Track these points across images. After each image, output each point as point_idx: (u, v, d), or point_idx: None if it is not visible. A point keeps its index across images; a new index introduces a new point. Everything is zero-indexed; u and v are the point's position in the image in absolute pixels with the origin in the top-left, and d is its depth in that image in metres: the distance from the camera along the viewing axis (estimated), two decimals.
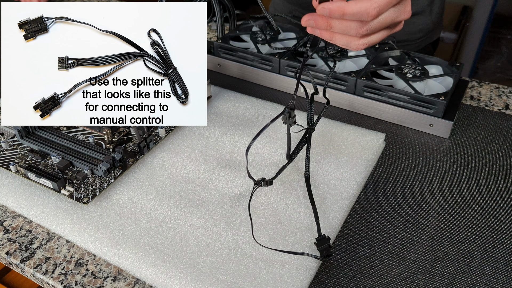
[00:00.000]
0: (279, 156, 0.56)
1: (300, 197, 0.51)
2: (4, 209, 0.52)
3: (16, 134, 0.57)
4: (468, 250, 0.47)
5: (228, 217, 0.49)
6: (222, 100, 0.66)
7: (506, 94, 0.69)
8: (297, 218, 0.49)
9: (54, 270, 0.46)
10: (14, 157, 0.56)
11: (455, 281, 0.44)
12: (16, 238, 0.49)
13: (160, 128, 0.59)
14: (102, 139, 0.58)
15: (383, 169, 0.56)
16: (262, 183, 0.49)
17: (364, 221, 0.50)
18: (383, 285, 0.44)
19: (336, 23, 0.42)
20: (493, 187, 0.53)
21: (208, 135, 0.60)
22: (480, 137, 0.60)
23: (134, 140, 0.58)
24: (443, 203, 0.51)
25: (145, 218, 0.49)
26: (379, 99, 0.62)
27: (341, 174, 0.54)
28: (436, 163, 0.57)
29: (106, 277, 0.45)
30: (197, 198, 0.51)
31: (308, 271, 0.44)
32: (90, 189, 0.51)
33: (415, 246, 0.47)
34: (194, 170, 0.55)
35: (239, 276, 0.43)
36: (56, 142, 0.57)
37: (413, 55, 0.66)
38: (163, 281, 0.43)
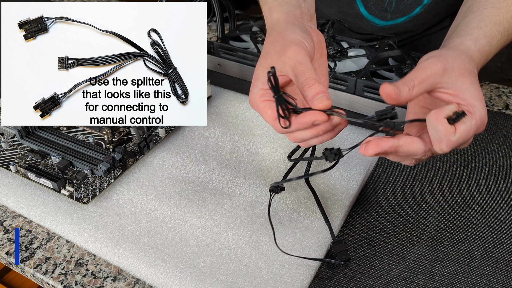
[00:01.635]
0: (279, 156, 0.56)
1: (301, 197, 0.51)
2: (4, 209, 0.52)
3: (16, 134, 0.57)
4: (468, 250, 0.47)
5: (228, 217, 0.49)
6: (222, 100, 0.66)
7: (506, 94, 0.69)
8: (298, 218, 0.49)
9: (54, 270, 0.46)
10: (14, 157, 0.56)
11: (455, 281, 0.44)
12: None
13: (160, 128, 0.59)
14: (102, 139, 0.58)
15: (383, 169, 0.56)
16: (278, 191, 0.46)
17: (364, 221, 0.50)
18: (383, 285, 0.44)
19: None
20: (493, 187, 0.53)
21: (208, 135, 0.60)
22: (480, 137, 0.60)
23: (134, 140, 0.58)
24: (443, 203, 0.51)
25: (145, 218, 0.49)
26: (379, 99, 0.62)
27: (341, 174, 0.54)
28: (436, 163, 0.57)
29: (106, 277, 0.45)
30: (197, 198, 0.51)
31: (308, 271, 0.44)
32: (90, 189, 0.51)
33: (415, 246, 0.47)
34: (194, 170, 0.55)
35: (239, 276, 0.43)
36: (56, 142, 0.57)
37: (413, 55, 0.66)
38: (163, 281, 0.43)
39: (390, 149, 0.37)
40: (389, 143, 0.37)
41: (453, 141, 0.36)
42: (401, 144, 0.38)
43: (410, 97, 0.37)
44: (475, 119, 0.37)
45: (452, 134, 0.36)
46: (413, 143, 0.38)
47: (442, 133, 0.36)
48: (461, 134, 0.36)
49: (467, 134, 0.37)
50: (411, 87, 0.37)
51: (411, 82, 0.38)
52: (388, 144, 0.37)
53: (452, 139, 0.36)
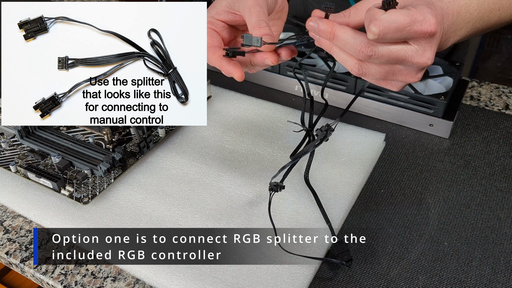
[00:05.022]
0: (279, 156, 0.56)
1: (300, 197, 0.51)
2: (4, 209, 0.52)
3: (16, 134, 0.57)
4: (468, 250, 0.46)
5: (228, 217, 0.49)
6: (222, 100, 0.66)
7: (506, 94, 0.69)
8: (298, 218, 0.49)
9: (54, 270, 0.46)
10: (14, 157, 0.56)
11: (455, 281, 0.44)
12: (16, 238, 0.49)
13: (160, 128, 0.59)
14: (102, 139, 0.58)
15: (383, 169, 0.56)
16: (278, 189, 0.47)
17: (364, 221, 0.50)
18: (383, 285, 0.44)
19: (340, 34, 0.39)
20: (493, 187, 0.53)
21: (208, 135, 0.60)
22: (480, 137, 0.60)
23: (134, 140, 0.58)
24: (443, 203, 0.51)
25: (145, 218, 0.49)
26: (379, 99, 0.62)
27: (341, 174, 0.54)
28: (436, 163, 0.57)
29: (106, 277, 0.45)
30: (197, 198, 0.51)
31: (308, 271, 0.44)
32: (90, 189, 0.51)
33: (415, 246, 0.47)
34: (194, 170, 0.55)
35: (239, 276, 0.43)
36: (56, 142, 0.57)
37: None
38: (163, 281, 0.43)
39: (326, 31, 0.38)
40: (329, 23, 0.38)
41: (381, 19, 0.35)
42: (343, 27, 0.38)
43: (346, 20, 0.39)
44: (412, 11, 0.35)
45: (380, 13, 0.35)
46: (349, 30, 0.38)
47: (372, 14, 0.35)
48: (391, 14, 0.35)
49: (399, 18, 0.35)
50: (347, 14, 0.39)
51: (348, 11, 0.39)
52: (328, 25, 0.38)
53: (380, 17, 0.35)
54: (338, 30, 0.38)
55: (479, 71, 1.88)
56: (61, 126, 0.59)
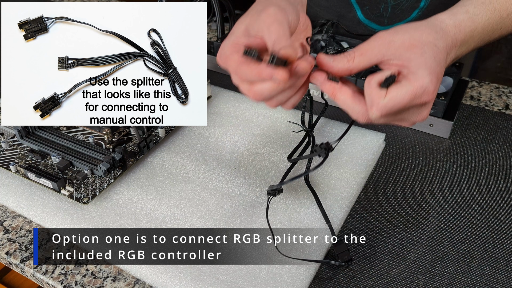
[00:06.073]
0: (279, 156, 0.56)
1: (300, 197, 0.51)
2: (4, 209, 0.52)
3: (16, 134, 0.57)
4: (468, 250, 0.47)
5: (228, 217, 0.49)
6: (222, 100, 0.66)
7: (506, 94, 0.69)
8: (298, 219, 0.49)
9: (54, 270, 0.46)
10: (14, 157, 0.56)
11: (455, 281, 0.44)
12: (16, 238, 0.49)
13: (160, 128, 0.59)
14: (102, 139, 0.58)
15: (383, 169, 0.56)
16: (276, 193, 0.46)
17: (364, 221, 0.50)
18: (383, 285, 0.44)
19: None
20: (493, 187, 0.53)
21: (208, 135, 0.60)
22: (480, 137, 0.60)
23: (134, 140, 0.58)
24: (443, 203, 0.51)
25: (145, 218, 0.49)
26: None
27: (341, 174, 0.54)
28: (436, 163, 0.57)
29: (106, 277, 0.45)
30: (197, 198, 0.51)
31: (308, 271, 0.44)
32: (90, 189, 0.51)
33: (415, 246, 0.47)
34: (194, 170, 0.55)
35: (239, 276, 0.43)
36: (56, 142, 0.57)
37: None
38: (163, 281, 0.43)
39: (329, 91, 0.38)
40: (332, 87, 0.38)
41: (382, 105, 0.35)
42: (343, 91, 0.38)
43: (349, 68, 0.38)
44: (413, 86, 0.36)
45: (381, 97, 0.35)
46: (353, 99, 0.38)
47: (372, 97, 0.36)
48: (392, 98, 0.35)
49: (400, 99, 0.36)
50: (351, 59, 0.37)
51: (351, 54, 0.38)
52: (330, 88, 0.38)
53: (381, 103, 0.35)
54: (338, 93, 0.38)
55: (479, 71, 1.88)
56: (61, 126, 0.59)
